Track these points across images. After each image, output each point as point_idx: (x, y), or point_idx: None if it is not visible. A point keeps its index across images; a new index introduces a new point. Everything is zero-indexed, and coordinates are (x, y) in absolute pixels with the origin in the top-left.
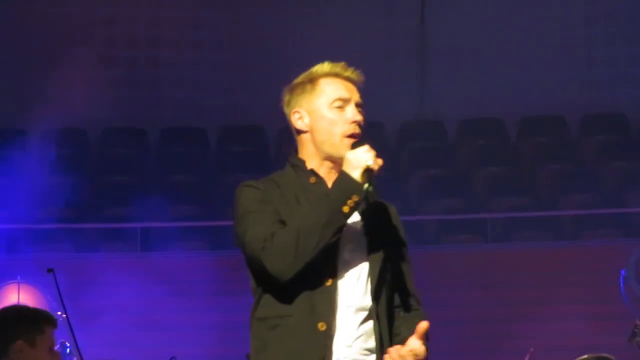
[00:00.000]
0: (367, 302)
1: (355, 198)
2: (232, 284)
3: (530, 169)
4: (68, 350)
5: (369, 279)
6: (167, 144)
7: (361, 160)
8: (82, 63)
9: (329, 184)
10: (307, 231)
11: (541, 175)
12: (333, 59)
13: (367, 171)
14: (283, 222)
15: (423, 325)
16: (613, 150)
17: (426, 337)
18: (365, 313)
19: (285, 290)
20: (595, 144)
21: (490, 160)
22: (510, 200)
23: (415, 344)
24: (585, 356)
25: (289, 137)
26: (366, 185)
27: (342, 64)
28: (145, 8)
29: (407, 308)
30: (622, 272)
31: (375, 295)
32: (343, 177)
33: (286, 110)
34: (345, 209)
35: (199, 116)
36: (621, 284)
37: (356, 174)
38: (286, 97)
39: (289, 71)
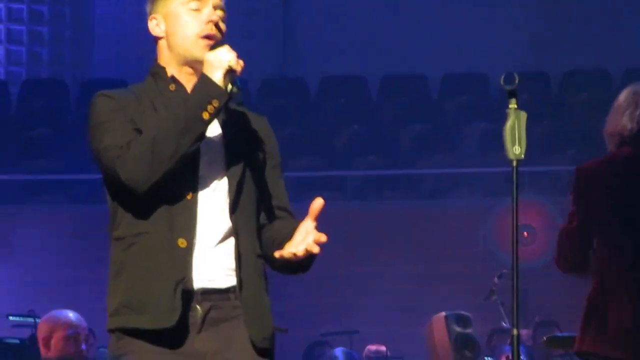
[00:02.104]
0: (226, 218)
1: (215, 103)
2: None
3: (391, 129)
4: None
5: (228, 194)
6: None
7: (222, 60)
8: None
9: (189, 91)
10: (164, 138)
11: (402, 135)
12: None
13: (229, 73)
14: (139, 131)
15: (318, 201)
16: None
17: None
18: (225, 230)
19: (142, 205)
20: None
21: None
22: (370, 160)
23: (309, 225)
24: (444, 313)
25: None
26: (229, 87)
27: None
28: None
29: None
30: (481, 231)
31: (233, 211)
32: (203, 80)
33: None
34: (205, 115)
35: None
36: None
37: (217, 76)
38: (147, 6)
39: None
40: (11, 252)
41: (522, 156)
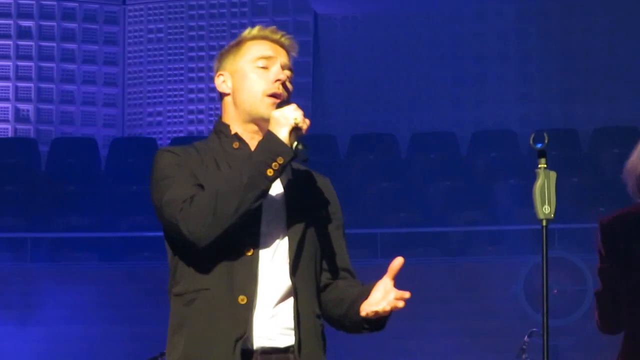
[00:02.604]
0: (286, 277)
1: (280, 160)
2: None
3: (420, 186)
4: None
5: (289, 253)
6: None
7: (289, 118)
8: None
9: (254, 149)
10: (227, 193)
11: (431, 192)
12: None
13: (295, 131)
14: (202, 187)
15: (398, 260)
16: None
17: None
18: (284, 289)
19: (203, 261)
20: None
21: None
22: (400, 217)
23: (388, 283)
24: None
25: None
26: (295, 144)
27: (273, 27)
28: None
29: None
30: (513, 288)
31: (293, 270)
32: (268, 137)
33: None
34: (270, 172)
35: None
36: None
37: (283, 134)
38: (215, 64)
39: None
40: (39, 310)
41: (552, 216)
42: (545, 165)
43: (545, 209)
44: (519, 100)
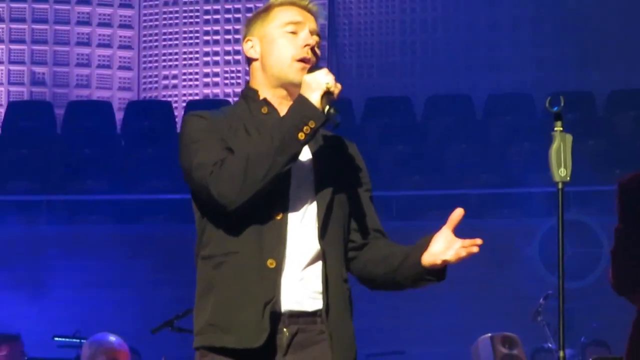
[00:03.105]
0: (314, 241)
1: (312, 124)
2: None
3: (435, 149)
4: None
5: (317, 218)
6: None
7: (320, 82)
8: None
9: (282, 114)
10: (258, 157)
11: (446, 154)
12: None
13: (327, 95)
14: (231, 151)
15: (459, 211)
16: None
17: None
18: (313, 253)
19: (232, 224)
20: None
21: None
22: (414, 180)
23: (448, 233)
24: (490, 334)
25: None
26: (327, 108)
27: None
28: None
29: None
30: (528, 250)
31: (322, 235)
32: (300, 101)
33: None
34: (301, 135)
35: None
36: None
37: (315, 97)
38: (242, 29)
39: None
40: (57, 274)
41: (568, 178)
42: (561, 128)
43: (562, 172)
44: (535, 65)
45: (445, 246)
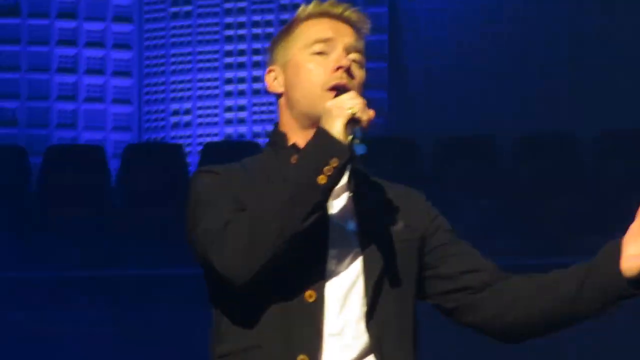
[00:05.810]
0: (361, 330)
1: (334, 162)
2: None
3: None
4: None
5: (365, 297)
6: None
7: (343, 108)
8: None
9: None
10: (266, 214)
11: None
12: None
13: (351, 123)
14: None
15: None
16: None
17: None
18: (361, 345)
19: (253, 310)
20: None
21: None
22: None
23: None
24: None
25: None
26: (350, 138)
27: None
28: None
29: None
30: None
31: (370, 318)
32: (318, 134)
33: None
34: (322, 179)
35: None
36: None
37: (337, 127)
38: (267, 57)
39: None
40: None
41: None
42: None
43: None
44: None
45: None
